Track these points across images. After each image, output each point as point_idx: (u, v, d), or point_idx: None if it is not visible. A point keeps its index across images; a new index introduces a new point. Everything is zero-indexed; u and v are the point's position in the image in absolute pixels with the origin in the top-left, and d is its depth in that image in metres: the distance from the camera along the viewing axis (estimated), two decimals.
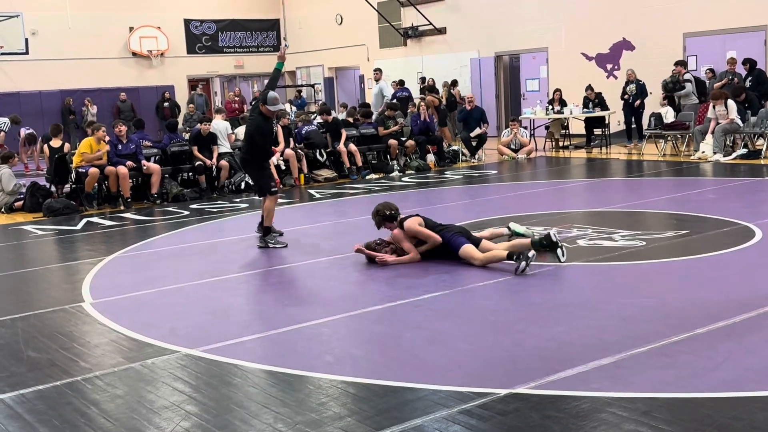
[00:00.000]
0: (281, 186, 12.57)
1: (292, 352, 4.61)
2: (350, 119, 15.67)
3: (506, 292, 5.72)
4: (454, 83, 20.29)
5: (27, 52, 22.51)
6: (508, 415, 3.53)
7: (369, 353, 4.59)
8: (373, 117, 15.34)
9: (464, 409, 3.60)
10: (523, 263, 6.04)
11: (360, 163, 13.55)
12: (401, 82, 19.85)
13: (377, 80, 18.16)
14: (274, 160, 12.58)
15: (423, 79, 21.04)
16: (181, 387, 4.12)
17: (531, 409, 3.59)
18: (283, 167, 12.83)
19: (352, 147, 13.57)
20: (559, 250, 6.38)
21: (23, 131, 18.17)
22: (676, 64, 15.19)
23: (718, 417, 3.39)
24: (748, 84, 14.39)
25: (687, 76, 15.05)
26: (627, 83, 15.97)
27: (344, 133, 13.67)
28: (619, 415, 3.46)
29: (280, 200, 11.30)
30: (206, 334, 5.07)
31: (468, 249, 6.46)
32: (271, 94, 7.80)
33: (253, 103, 25.06)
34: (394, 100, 16.95)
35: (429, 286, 5.88)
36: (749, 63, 14.51)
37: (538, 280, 5.96)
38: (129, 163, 11.42)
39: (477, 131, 15.28)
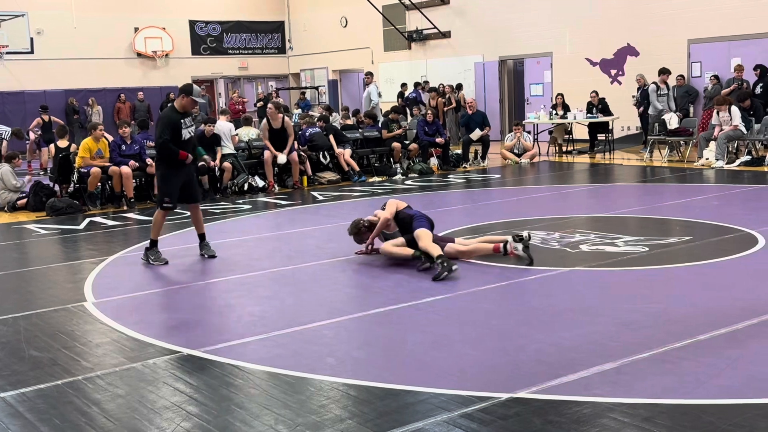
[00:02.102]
0: (274, 188, 12.54)
1: (294, 353, 4.61)
2: (349, 122, 15.66)
3: (509, 297, 5.72)
4: (459, 87, 20.30)
5: (32, 52, 22.57)
6: (509, 419, 3.53)
7: (371, 356, 4.59)
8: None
9: (465, 413, 3.60)
10: (526, 249, 6.43)
11: (357, 169, 13.50)
12: (415, 84, 20.09)
13: (367, 84, 18.26)
14: (282, 158, 12.43)
15: (426, 83, 21.11)
16: (182, 387, 4.13)
17: (532, 413, 3.59)
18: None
19: (346, 154, 13.53)
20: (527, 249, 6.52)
21: (32, 134, 18.14)
22: (660, 72, 15.17)
23: (720, 424, 3.38)
24: (759, 90, 14.36)
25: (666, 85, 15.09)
26: (638, 89, 15.96)
27: (332, 139, 13.63)
28: (620, 420, 3.45)
29: (283, 201, 11.39)
30: (208, 334, 5.08)
31: (421, 232, 6.53)
32: (197, 87, 7.32)
33: (257, 104, 24.85)
34: (383, 101, 17.07)
35: (432, 289, 5.88)
36: (760, 69, 14.46)
37: (540, 284, 5.97)
38: (132, 162, 11.44)
39: (478, 132, 15.10)
